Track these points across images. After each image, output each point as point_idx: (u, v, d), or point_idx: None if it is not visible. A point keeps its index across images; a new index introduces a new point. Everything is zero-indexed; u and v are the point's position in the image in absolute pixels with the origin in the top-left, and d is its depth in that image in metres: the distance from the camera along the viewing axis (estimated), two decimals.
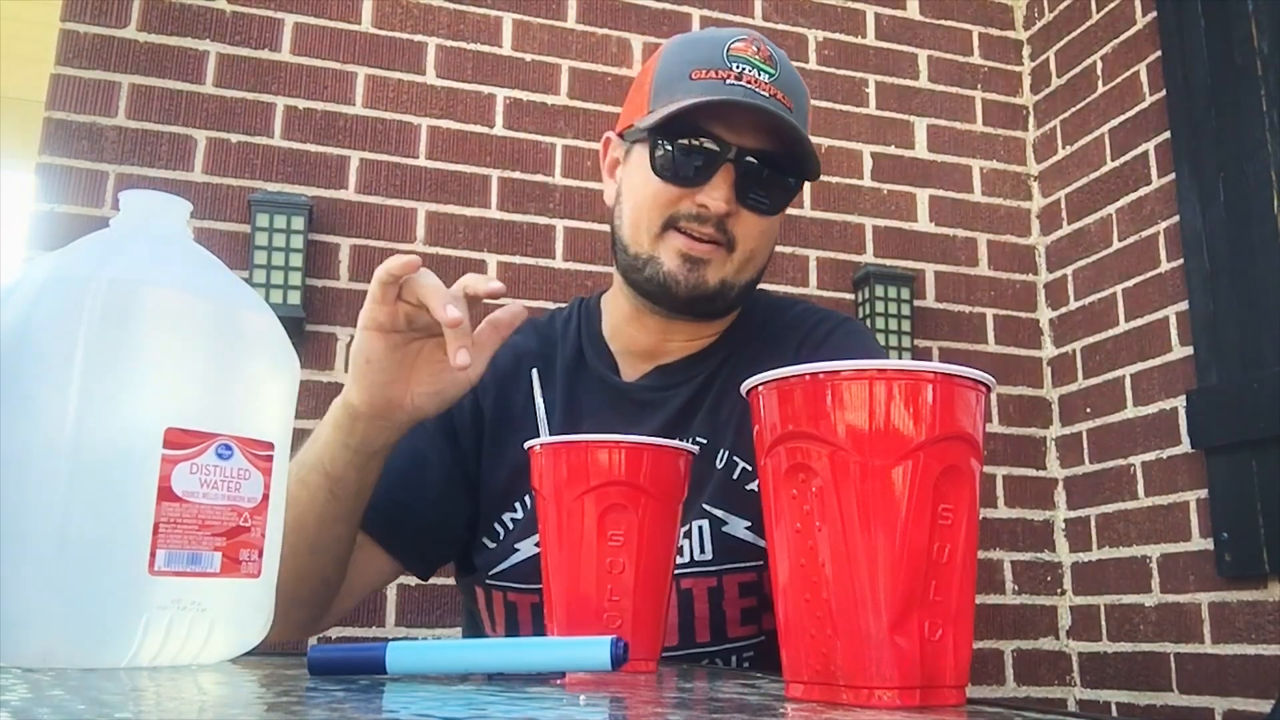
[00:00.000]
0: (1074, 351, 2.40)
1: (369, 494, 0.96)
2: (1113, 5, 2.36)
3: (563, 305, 1.21)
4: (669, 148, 1.01)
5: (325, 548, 0.96)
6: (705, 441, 1.04)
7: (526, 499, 1.05)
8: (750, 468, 1.03)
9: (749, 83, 0.99)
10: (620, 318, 1.12)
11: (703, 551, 1.00)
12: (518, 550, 1.04)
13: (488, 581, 1.06)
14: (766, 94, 0.99)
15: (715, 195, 0.99)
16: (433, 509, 1.06)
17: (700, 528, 1.01)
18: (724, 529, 1.01)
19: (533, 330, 1.16)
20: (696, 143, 1.00)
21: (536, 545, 1.00)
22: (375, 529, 1.03)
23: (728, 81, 0.99)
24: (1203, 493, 2.01)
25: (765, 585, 1.01)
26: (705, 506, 1.01)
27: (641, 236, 1.03)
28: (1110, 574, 2.23)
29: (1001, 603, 2.31)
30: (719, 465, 1.03)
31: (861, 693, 0.47)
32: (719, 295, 1.03)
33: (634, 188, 1.05)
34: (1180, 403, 2.08)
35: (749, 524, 1.01)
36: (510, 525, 1.06)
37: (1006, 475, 2.39)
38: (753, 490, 1.01)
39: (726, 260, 1.02)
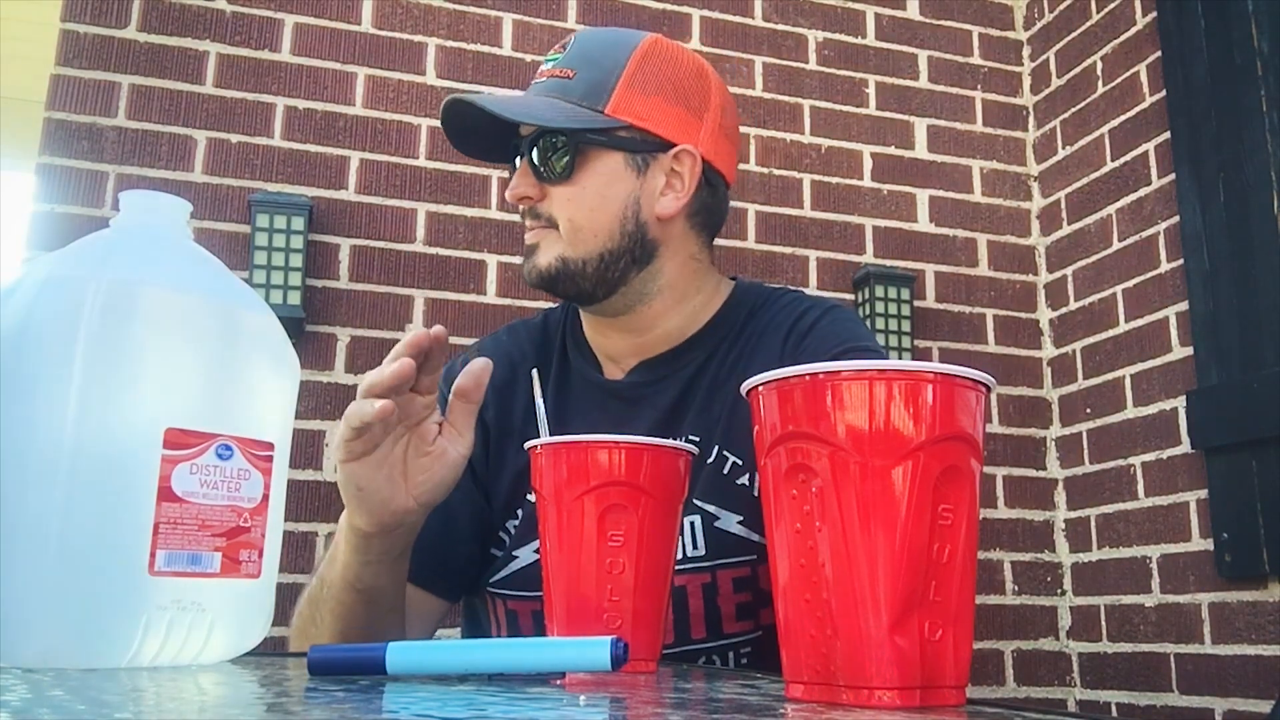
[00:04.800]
0: (1074, 352, 2.40)
1: (406, 572, 0.98)
2: (1113, 5, 2.36)
3: (553, 305, 1.20)
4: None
5: (382, 617, 0.98)
6: (698, 439, 1.03)
7: (525, 504, 1.05)
8: (740, 461, 1.02)
9: (536, 78, 1.06)
10: (588, 325, 1.13)
11: (695, 547, 1.00)
12: (517, 557, 1.03)
13: (489, 589, 1.06)
14: (544, 79, 1.05)
15: (510, 185, 1.06)
16: (468, 543, 1.06)
17: (692, 523, 1.00)
18: (716, 524, 1.00)
19: (524, 331, 1.16)
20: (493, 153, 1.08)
21: (535, 551, 0.99)
22: (420, 579, 1.03)
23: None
24: (1203, 493, 2.01)
25: (760, 580, 1.00)
26: (696, 502, 1.01)
27: None
28: (1110, 574, 2.23)
29: (1001, 603, 2.31)
30: (710, 460, 1.03)
31: (861, 693, 0.47)
32: (561, 273, 1.05)
33: None
34: (1180, 403, 2.08)
35: (741, 519, 1.00)
36: (512, 531, 1.05)
37: (1006, 475, 2.39)
38: (743, 484, 1.01)
39: (557, 239, 1.05)
